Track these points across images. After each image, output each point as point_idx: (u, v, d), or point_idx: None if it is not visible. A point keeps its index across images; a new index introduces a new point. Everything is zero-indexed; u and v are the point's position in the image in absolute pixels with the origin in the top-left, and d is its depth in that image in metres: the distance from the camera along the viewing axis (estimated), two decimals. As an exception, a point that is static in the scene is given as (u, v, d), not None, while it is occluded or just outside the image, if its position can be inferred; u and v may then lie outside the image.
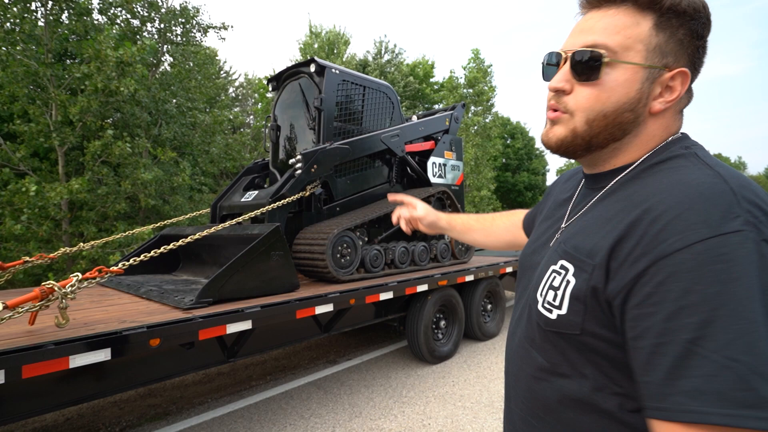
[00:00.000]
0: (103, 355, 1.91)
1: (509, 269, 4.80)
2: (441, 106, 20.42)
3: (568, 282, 0.62)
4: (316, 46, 17.27)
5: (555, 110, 0.67)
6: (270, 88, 4.55)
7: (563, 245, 0.67)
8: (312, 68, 3.96)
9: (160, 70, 11.01)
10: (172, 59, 11.08)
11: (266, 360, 4.24)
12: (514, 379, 0.75)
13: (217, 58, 18.17)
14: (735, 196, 0.51)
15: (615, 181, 0.66)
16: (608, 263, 0.57)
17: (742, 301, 0.46)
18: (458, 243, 4.65)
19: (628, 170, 0.65)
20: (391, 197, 1.25)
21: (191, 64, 11.38)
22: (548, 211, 0.86)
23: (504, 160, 25.73)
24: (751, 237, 0.48)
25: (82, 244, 3.49)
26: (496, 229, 1.18)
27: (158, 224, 4.14)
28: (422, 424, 2.87)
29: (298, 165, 3.54)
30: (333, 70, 4.00)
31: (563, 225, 0.73)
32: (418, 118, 5.17)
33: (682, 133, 0.67)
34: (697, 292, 0.48)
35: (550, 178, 32.89)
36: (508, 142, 26.85)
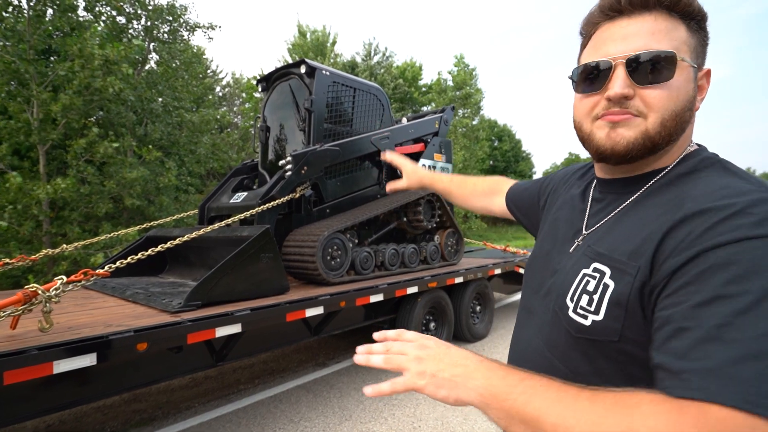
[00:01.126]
0: (88, 360, 1.87)
1: (498, 271, 4.83)
2: (429, 108, 20.51)
3: (606, 286, 0.60)
4: (305, 46, 17.19)
5: (617, 114, 0.64)
6: (259, 89, 4.51)
7: (593, 247, 0.66)
8: (302, 69, 3.94)
9: (146, 68, 10.84)
10: (158, 57, 10.93)
11: (254, 363, 4.19)
12: None
13: (204, 56, 17.97)
14: None
15: (649, 185, 0.66)
16: (653, 259, 0.56)
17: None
18: (447, 245, 4.67)
19: (662, 174, 0.66)
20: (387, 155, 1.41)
21: (177, 63, 11.23)
22: (558, 213, 0.84)
23: (491, 162, 25.96)
24: None
25: (65, 245, 3.41)
26: (476, 197, 1.22)
27: (144, 225, 4.07)
28: (413, 427, 2.87)
29: (289, 166, 3.52)
30: (323, 72, 3.98)
31: (585, 231, 0.72)
32: (408, 121, 5.18)
33: (698, 145, 0.69)
34: (739, 284, 0.46)
35: (537, 181, 33.05)
36: (496, 144, 27.09)
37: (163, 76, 10.28)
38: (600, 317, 0.59)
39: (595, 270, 0.63)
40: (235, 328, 2.42)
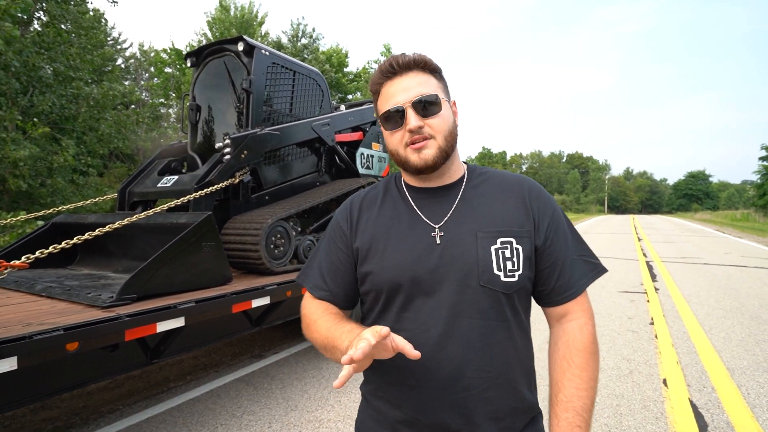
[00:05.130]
0: (7, 365, 1.62)
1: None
2: (354, 96, 20.42)
3: (517, 249, 0.88)
4: (227, 22, 16.00)
5: (419, 141, 0.89)
6: (188, 64, 4.15)
7: (484, 231, 0.90)
8: (240, 47, 3.70)
9: (31, 29, 9.34)
10: (46, 18, 9.46)
11: (183, 359, 3.92)
12: (465, 368, 0.85)
13: (104, 18, 15.87)
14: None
15: (464, 186, 0.96)
16: (534, 224, 0.92)
17: (572, 227, 0.97)
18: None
19: (465, 180, 0.97)
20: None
21: (69, 26, 9.82)
22: (385, 230, 0.94)
23: (414, 154, 26.65)
24: None
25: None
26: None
27: (52, 210, 3.55)
28: (360, 411, 2.91)
29: (227, 150, 3.31)
30: (263, 51, 3.79)
31: (437, 225, 0.91)
32: (346, 108, 5.14)
33: (466, 162, 1.04)
34: (565, 230, 0.95)
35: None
36: (418, 136, 27.85)
37: (55, 40, 8.92)
38: (521, 271, 0.88)
39: (503, 243, 0.88)
40: (178, 322, 2.25)
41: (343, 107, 5.18)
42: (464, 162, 1.02)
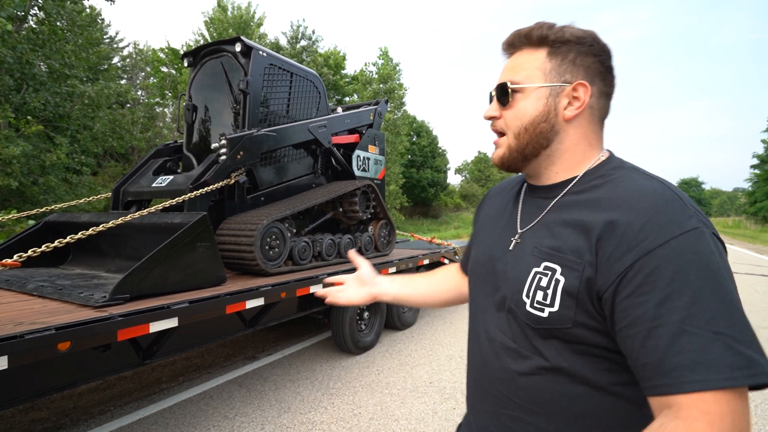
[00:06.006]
0: (-2, 364, 1.60)
1: (427, 261, 5.05)
2: (351, 99, 20.45)
3: (557, 281, 0.67)
4: (225, 23, 15.96)
5: (496, 135, 0.82)
6: (185, 64, 4.14)
7: (540, 248, 0.72)
8: (237, 47, 3.70)
9: (26, 26, 9.27)
10: (42, 15, 9.39)
11: (175, 360, 3.90)
12: (497, 383, 0.78)
13: (100, 17, 15.81)
14: (682, 200, 0.63)
15: (567, 190, 0.75)
16: (596, 259, 0.64)
17: (717, 282, 0.57)
18: (380, 236, 4.76)
19: (574, 182, 0.75)
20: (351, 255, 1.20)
21: (64, 23, 9.76)
22: (490, 221, 0.92)
23: (410, 157, 26.76)
24: (705, 231, 0.60)
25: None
26: (441, 290, 1.14)
27: (44, 209, 3.52)
28: (353, 414, 2.91)
29: (223, 150, 3.30)
30: (260, 53, 3.79)
31: (520, 230, 0.79)
32: (343, 110, 5.15)
33: (608, 151, 0.79)
34: (680, 280, 0.57)
35: (451, 176, 35.08)
36: (414, 139, 27.96)
37: (50, 37, 8.86)
38: (555, 308, 0.67)
39: (546, 268, 0.69)
40: (171, 323, 2.23)
41: (340, 109, 5.19)
42: (608, 151, 0.79)
